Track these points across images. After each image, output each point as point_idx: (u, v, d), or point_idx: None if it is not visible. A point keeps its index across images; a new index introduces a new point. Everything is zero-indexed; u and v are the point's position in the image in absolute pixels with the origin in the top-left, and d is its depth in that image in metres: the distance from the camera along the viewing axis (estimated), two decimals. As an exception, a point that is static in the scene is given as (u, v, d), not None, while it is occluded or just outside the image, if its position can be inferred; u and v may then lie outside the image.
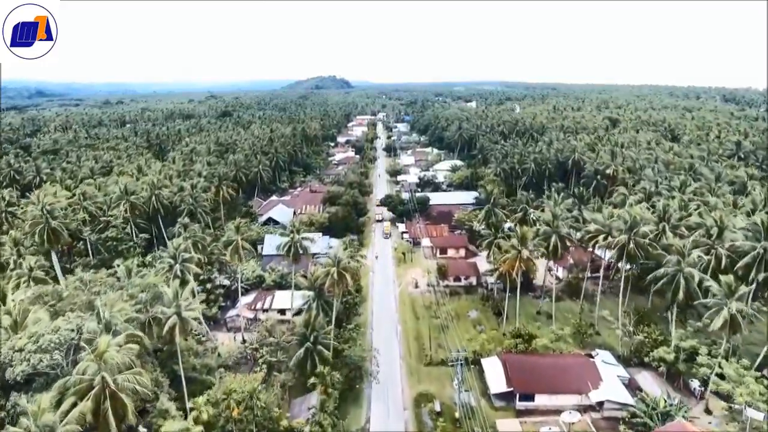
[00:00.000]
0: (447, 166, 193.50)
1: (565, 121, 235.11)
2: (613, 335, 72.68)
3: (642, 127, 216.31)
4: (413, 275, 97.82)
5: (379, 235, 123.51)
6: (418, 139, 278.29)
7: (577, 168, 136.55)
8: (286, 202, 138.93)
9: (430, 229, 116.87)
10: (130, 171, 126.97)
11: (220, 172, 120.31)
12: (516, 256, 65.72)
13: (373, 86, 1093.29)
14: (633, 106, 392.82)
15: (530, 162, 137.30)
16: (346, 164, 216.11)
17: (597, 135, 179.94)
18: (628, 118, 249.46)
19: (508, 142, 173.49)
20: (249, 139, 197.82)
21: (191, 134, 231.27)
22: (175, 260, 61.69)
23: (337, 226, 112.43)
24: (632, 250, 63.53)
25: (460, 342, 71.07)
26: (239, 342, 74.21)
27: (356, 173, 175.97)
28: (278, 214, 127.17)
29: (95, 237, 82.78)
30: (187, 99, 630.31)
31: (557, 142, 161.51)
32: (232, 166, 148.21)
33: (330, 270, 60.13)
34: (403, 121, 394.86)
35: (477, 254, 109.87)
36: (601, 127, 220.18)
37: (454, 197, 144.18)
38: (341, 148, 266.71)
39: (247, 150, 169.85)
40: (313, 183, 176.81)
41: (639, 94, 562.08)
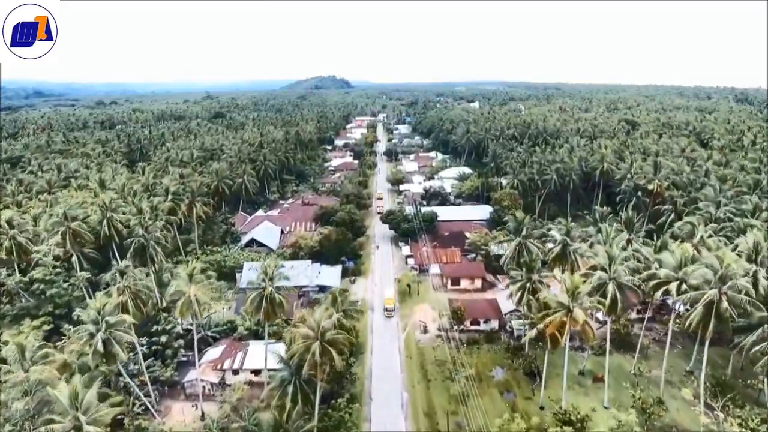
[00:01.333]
0: (454, 173, 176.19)
1: (578, 124, 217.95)
2: (684, 410, 55.78)
3: (665, 131, 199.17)
4: (421, 316, 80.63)
5: (379, 257, 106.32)
6: (420, 143, 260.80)
7: (604, 179, 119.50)
8: (273, 219, 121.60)
9: (439, 253, 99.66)
10: (92, 184, 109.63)
11: (193, 187, 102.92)
12: (565, 315, 48.55)
13: (373, 86, 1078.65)
14: (644, 106, 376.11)
15: (552, 173, 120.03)
16: (344, 170, 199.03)
17: (621, 140, 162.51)
18: (646, 121, 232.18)
19: (521, 148, 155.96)
20: (237, 143, 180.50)
21: (177, 137, 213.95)
22: (97, 327, 44.59)
23: (331, 250, 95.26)
24: (725, 310, 46.39)
25: (486, 423, 54.09)
26: (198, 416, 57.30)
27: (354, 182, 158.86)
28: (263, 233, 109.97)
29: (17, 280, 65.40)
30: (182, 99, 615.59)
31: (579, 148, 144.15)
32: (213, 176, 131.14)
33: (311, 345, 43.01)
34: (405, 122, 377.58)
35: (495, 285, 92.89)
36: (621, 130, 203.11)
37: (465, 212, 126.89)
38: (339, 152, 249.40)
39: (233, 157, 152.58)
40: (307, 193, 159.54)
41: (647, 95, 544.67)
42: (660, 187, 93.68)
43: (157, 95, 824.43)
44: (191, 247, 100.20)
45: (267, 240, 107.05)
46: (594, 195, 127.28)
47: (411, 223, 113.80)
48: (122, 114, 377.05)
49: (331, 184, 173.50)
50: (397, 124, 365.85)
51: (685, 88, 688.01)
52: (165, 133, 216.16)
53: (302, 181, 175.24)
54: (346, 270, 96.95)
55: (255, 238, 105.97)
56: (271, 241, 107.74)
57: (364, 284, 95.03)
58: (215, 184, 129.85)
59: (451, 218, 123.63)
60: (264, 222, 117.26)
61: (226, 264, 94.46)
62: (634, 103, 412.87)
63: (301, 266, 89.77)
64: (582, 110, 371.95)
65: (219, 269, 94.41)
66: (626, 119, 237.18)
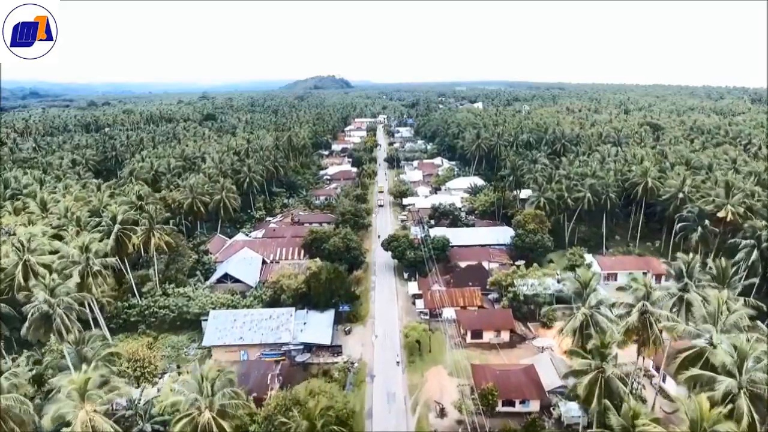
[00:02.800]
0: (463, 184, 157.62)
1: (596, 128, 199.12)
2: None
3: (695, 135, 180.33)
4: (436, 388, 61.92)
5: (381, 296, 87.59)
6: (424, 147, 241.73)
7: (647, 198, 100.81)
8: (254, 245, 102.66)
9: (454, 294, 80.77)
10: (33, 205, 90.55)
11: (151, 211, 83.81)
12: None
13: (374, 86, 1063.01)
14: (657, 107, 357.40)
15: (585, 190, 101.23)
16: (341, 180, 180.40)
17: (652, 148, 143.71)
18: (670, 124, 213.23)
19: (542, 157, 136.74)
20: (222, 151, 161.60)
21: (158, 143, 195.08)
22: None
23: (320, 293, 76.36)
24: None
25: None
26: None
27: (351, 196, 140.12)
28: (240, 266, 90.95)
29: None
30: (177, 100, 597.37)
31: (610, 158, 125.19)
32: (188, 191, 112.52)
33: None
34: (406, 124, 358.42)
35: (526, 337, 74.18)
36: (645, 135, 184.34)
37: (481, 235, 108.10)
38: (335, 158, 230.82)
39: (214, 168, 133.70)
40: (298, 209, 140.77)
41: (656, 95, 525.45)
42: (735, 215, 74.83)
43: (155, 96, 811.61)
44: (149, 286, 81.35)
45: (244, 274, 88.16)
46: (633, 217, 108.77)
47: (417, 250, 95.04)
48: (110, 116, 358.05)
49: (326, 196, 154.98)
50: (398, 127, 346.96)
51: (694, 87, 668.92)
52: (144, 139, 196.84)
53: (293, 194, 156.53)
54: (339, 315, 78.27)
55: (229, 273, 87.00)
56: (250, 275, 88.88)
57: (361, 334, 76.37)
58: (189, 201, 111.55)
59: (465, 242, 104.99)
60: (243, 250, 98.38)
61: (189, 310, 75.73)
62: (646, 104, 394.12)
63: (282, 317, 70.99)
64: (591, 111, 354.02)
65: (180, 316, 75.84)
66: (648, 122, 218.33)
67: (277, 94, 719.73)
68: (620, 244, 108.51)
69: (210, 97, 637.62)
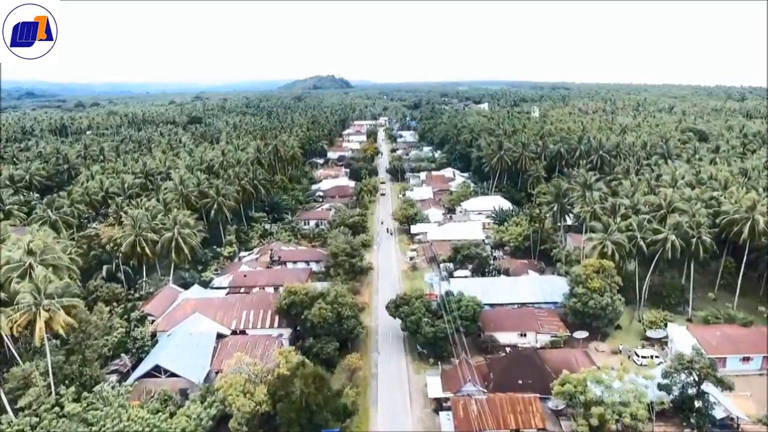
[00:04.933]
0: (484, 204, 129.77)
1: (629, 136, 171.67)
2: None
3: (751, 145, 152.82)
4: None
5: (385, 400, 59.73)
6: (431, 156, 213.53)
7: (753, 239, 72.95)
8: (211, 308, 74.10)
9: (501, 405, 52.78)
10: None
11: (42, 280, 55.73)
12: None
13: (374, 86, 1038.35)
14: (679, 109, 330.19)
15: (667, 230, 73.23)
16: (335, 197, 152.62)
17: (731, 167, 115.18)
18: (717, 131, 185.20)
19: (597, 180, 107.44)
20: (192, 166, 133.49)
21: (122, 153, 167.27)
22: None
23: (292, 418, 47.95)
24: None
25: None
26: None
27: (347, 222, 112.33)
28: (181, 350, 62.31)
29: None
30: (170, 101, 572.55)
31: (683, 181, 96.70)
32: (131, 227, 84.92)
33: None
34: (409, 127, 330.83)
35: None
36: (692, 144, 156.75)
37: (521, 290, 79.77)
38: (331, 169, 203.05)
39: (171, 192, 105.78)
40: (280, 241, 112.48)
41: (672, 95, 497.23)
42: None
43: (152, 96, 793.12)
44: (32, 395, 53.12)
45: (187, 362, 59.81)
46: (722, 266, 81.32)
47: (436, 316, 66.82)
48: (89, 118, 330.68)
49: (318, 221, 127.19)
50: (400, 130, 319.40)
51: (708, 87, 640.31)
52: (105, 149, 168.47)
53: (278, 218, 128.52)
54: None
55: (161, 365, 58.55)
56: (195, 363, 60.58)
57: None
58: (132, 239, 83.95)
59: (501, 299, 77.46)
60: (193, 316, 70.26)
61: None
62: (666, 106, 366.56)
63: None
64: (608, 113, 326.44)
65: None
66: (690, 128, 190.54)
67: (275, 95, 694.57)
68: (704, 299, 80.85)
69: (204, 98, 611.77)
